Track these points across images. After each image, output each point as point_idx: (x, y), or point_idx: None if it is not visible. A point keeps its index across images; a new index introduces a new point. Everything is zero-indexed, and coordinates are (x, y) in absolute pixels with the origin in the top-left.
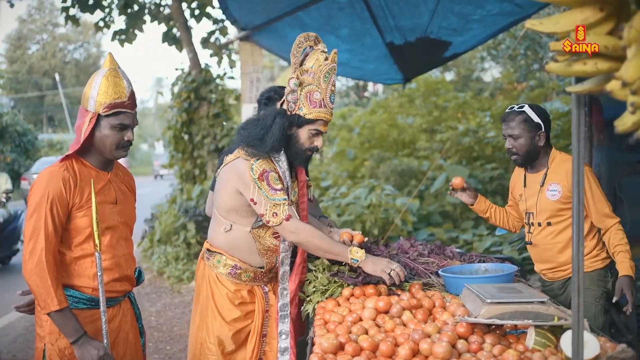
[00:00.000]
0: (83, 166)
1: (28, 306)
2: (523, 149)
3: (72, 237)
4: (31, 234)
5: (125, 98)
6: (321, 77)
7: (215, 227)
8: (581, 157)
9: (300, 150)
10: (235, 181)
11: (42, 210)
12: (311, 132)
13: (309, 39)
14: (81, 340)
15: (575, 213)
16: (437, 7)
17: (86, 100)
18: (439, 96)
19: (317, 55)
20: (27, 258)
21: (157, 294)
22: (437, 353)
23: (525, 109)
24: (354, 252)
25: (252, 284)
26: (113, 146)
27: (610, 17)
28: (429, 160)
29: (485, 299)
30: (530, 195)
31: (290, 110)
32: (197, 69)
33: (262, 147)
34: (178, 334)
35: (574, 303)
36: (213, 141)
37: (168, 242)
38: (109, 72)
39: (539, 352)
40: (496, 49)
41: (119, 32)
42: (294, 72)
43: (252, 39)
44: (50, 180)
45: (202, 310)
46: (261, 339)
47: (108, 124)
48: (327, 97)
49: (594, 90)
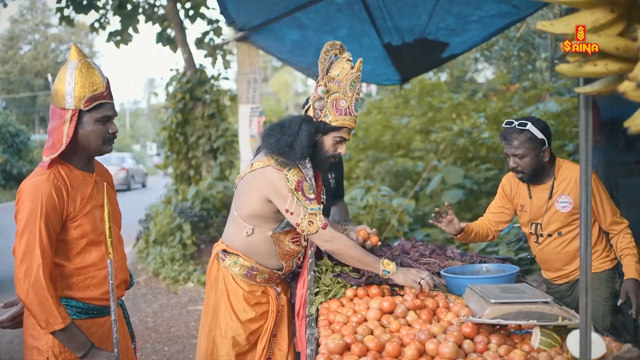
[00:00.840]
0: (69, 171)
1: (12, 321)
2: (529, 167)
3: (69, 248)
4: (24, 252)
5: (103, 88)
6: (347, 85)
7: (234, 230)
8: (589, 158)
9: (324, 157)
10: (266, 189)
11: (35, 225)
12: (336, 139)
13: (335, 47)
14: (90, 353)
15: (583, 213)
16: (435, 8)
17: (61, 98)
18: (433, 97)
19: (343, 63)
20: (22, 277)
21: (153, 295)
22: (443, 353)
23: (528, 127)
24: (385, 265)
25: (265, 285)
26: (99, 141)
27: (621, 18)
28: (423, 161)
29: (489, 299)
30: (536, 207)
31: (316, 117)
32: (192, 69)
33: (291, 155)
34: (175, 335)
35: (581, 303)
36: (208, 142)
37: (163, 243)
38: (79, 64)
39: (545, 352)
40: (489, 50)
41: (114, 33)
42: (322, 79)
43: (250, 39)
44: (40, 191)
45: (215, 310)
46: (271, 339)
47: (91, 118)
48: (352, 105)
49: (603, 91)
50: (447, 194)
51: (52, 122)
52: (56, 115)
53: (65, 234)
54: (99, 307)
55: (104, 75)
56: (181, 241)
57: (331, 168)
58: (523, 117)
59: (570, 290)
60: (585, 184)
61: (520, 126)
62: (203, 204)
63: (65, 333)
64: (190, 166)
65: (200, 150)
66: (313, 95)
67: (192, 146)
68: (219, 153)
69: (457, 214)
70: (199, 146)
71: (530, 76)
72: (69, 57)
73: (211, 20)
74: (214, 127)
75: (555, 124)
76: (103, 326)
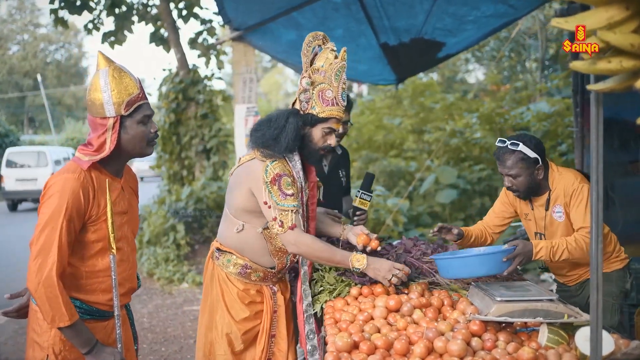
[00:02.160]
0: (100, 174)
1: (17, 311)
2: (524, 186)
3: (84, 250)
4: (42, 246)
5: (138, 90)
6: (332, 75)
7: (227, 227)
8: (600, 156)
9: (313, 150)
10: (250, 182)
11: (57, 222)
12: (324, 130)
13: (318, 38)
14: (95, 350)
15: (594, 211)
16: (432, 8)
17: (100, 107)
18: (426, 97)
19: (327, 54)
20: (35, 271)
21: (147, 296)
22: (452, 351)
23: (520, 148)
24: (354, 262)
25: (261, 283)
26: (144, 143)
27: (636, 15)
28: (416, 161)
29: (495, 297)
30: (537, 218)
31: (303, 109)
32: (185, 69)
33: (277, 148)
34: (172, 335)
35: (592, 301)
36: (201, 142)
37: (157, 243)
38: (111, 70)
39: (553, 349)
40: (480, 50)
41: (108, 33)
42: (305, 71)
43: (246, 39)
44: (68, 189)
45: (212, 309)
46: (270, 339)
47: (134, 122)
48: (339, 95)
49: (616, 88)
50: (440, 194)
51: (94, 133)
52: (97, 125)
53: (84, 235)
54: (102, 311)
55: (135, 76)
56: (175, 241)
57: (341, 165)
58: (515, 136)
59: (580, 289)
60: (596, 182)
61: (512, 146)
62: (197, 204)
63: (72, 329)
64: (183, 166)
65: (193, 151)
66: (298, 88)
67: (185, 146)
68: (212, 153)
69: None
70: (192, 146)
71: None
72: (98, 65)
73: (204, 20)
74: (207, 127)
75: (547, 124)
76: (105, 328)
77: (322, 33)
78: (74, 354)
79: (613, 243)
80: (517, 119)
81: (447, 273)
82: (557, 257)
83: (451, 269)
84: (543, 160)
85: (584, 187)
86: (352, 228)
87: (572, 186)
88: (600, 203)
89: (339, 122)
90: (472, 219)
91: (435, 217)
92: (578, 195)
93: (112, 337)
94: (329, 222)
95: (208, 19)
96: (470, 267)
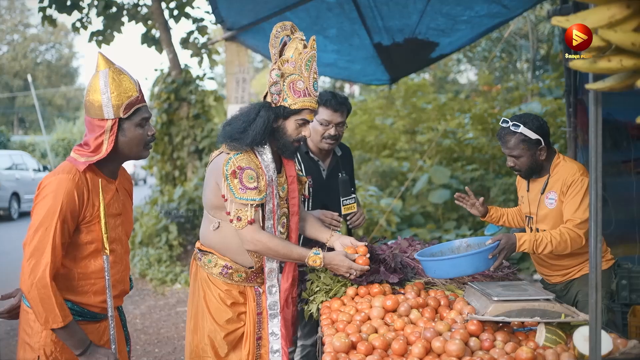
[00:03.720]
0: (94, 175)
1: (9, 312)
2: (525, 166)
3: (77, 251)
4: (35, 248)
5: (137, 93)
6: (302, 65)
7: (205, 226)
8: (599, 155)
9: (287, 142)
10: (216, 176)
11: (51, 223)
12: (298, 122)
13: (286, 28)
14: (89, 351)
15: (594, 210)
16: (426, 8)
17: (98, 109)
18: (418, 98)
19: (296, 44)
20: (28, 272)
21: (140, 297)
22: (450, 351)
23: (521, 129)
24: (310, 262)
25: (244, 284)
26: (141, 146)
27: (637, 14)
28: (409, 162)
29: (491, 296)
30: (531, 200)
31: (275, 102)
32: (177, 69)
33: (243, 140)
34: (165, 337)
35: (591, 300)
36: (193, 142)
37: (150, 244)
38: (110, 72)
39: (551, 349)
40: (472, 51)
41: (96, 33)
42: (274, 63)
43: (238, 39)
44: (63, 190)
45: (195, 312)
46: (255, 341)
47: (132, 124)
48: (310, 85)
49: (616, 87)
50: (433, 194)
51: (91, 134)
52: (94, 126)
53: (77, 236)
54: (94, 312)
55: (134, 78)
56: (167, 242)
57: (340, 167)
58: (518, 116)
59: (566, 289)
60: (595, 181)
61: (513, 127)
62: (189, 205)
63: (65, 330)
64: (175, 167)
65: (185, 151)
66: (268, 81)
67: (177, 147)
68: (204, 154)
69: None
70: (184, 147)
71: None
72: (98, 66)
73: (196, 19)
74: (199, 127)
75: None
76: (97, 330)
77: (290, 22)
78: (65, 355)
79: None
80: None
81: (434, 273)
82: (541, 249)
83: (439, 270)
84: (546, 142)
85: (585, 180)
86: (340, 237)
87: (572, 176)
88: (600, 202)
89: (313, 113)
90: (465, 219)
91: (428, 217)
92: (576, 186)
93: (104, 339)
94: (317, 225)
95: (199, 18)
96: (458, 267)
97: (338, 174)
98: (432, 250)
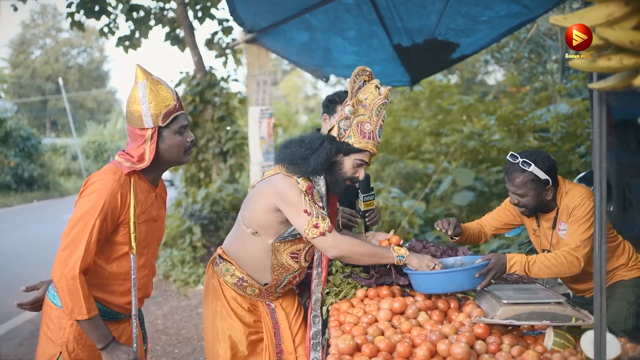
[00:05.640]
0: (138, 179)
1: (32, 304)
2: (530, 205)
3: (111, 250)
4: (71, 240)
5: (175, 101)
6: (374, 110)
7: (235, 236)
8: (603, 155)
9: (341, 179)
10: (273, 197)
11: (91, 219)
12: (356, 161)
13: (365, 73)
14: (110, 346)
15: (598, 213)
16: (445, 9)
17: (139, 119)
18: (443, 99)
19: (372, 89)
20: (60, 263)
21: (163, 298)
22: (455, 354)
23: (531, 169)
24: (397, 250)
25: (256, 299)
26: (181, 151)
27: (636, 12)
28: (434, 163)
29: (501, 299)
30: (543, 235)
31: (340, 137)
32: (202, 72)
33: (304, 167)
34: (185, 337)
35: (596, 303)
36: (218, 144)
37: (174, 245)
38: (148, 83)
39: (558, 353)
40: (500, 52)
41: (123, 38)
42: (350, 99)
43: (259, 41)
44: (107, 189)
45: (212, 313)
46: (276, 355)
47: (171, 132)
48: (376, 130)
49: (617, 86)
50: (457, 196)
51: (133, 143)
52: (136, 135)
53: (114, 236)
54: (116, 312)
55: (172, 88)
56: (191, 244)
57: None
58: (528, 154)
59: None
60: (599, 182)
61: (523, 165)
62: (213, 207)
63: (89, 323)
64: (200, 169)
65: (210, 153)
66: (340, 115)
67: (202, 149)
68: (228, 156)
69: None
70: (209, 149)
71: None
72: (136, 78)
73: (220, 20)
74: (224, 129)
75: (566, 125)
76: (116, 330)
77: (369, 69)
78: (87, 353)
79: (627, 252)
80: (536, 120)
81: (420, 288)
82: (534, 272)
83: (424, 284)
84: (554, 182)
85: (587, 204)
86: (374, 234)
87: (573, 202)
88: (604, 204)
89: (371, 157)
90: None
91: None
92: (578, 210)
93: (123, 339)
94: (348, 232)
95: (224, 19)
96: (442, 283)
97: None
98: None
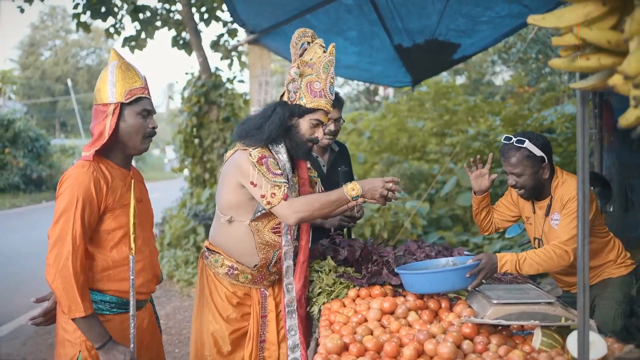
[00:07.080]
0: (110, 166)
1: (44, 316)
2: (528, 184)
3: (106, 239)
4: (57, 238)
5: (142, 84)
6: (320, 68)
7: (217, 225)
8: (586, 154)
9: (300, 141)
10: (234, 173)
11: (70, 214)
12: (312, 122)
13: (307, 35)
14: (107, 346)
15: (580, 210)
16: (445, 9)
17: (104, 94)
18: (449, 100)
19: (316, 48)
20: (51, 262)
21: (166, 297)
22: (442, 353)
23: (526, 145)
24: (350, 191)
25: (250, 285)
26: (140, 135)
27: (614, 12)
28: (439, 164)
29: (491, 299)
30: (537, 223)
31: (291, 100)
32: (207, 73)
33: (259, 136)
34: (187, 337)
35: (579, 302)
36: (223, 145)
37: (178, 245)
38: (119, 63)
39: (545, 353)
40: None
41: (129, 38)
42: (294, 61)
43: (261, 42)
44: (79, 182)
45: (202, 309)
46: (259, 344)
47: (133, 112)
48: (327, 88)
49: (598, 86)
50: (462, 197)
51: (95, 120)
52: (99, 112)
53: (103, 224)
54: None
55: (142, 74)
56: (195, 244)
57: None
58: (522, 133)
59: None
60: (582, 181)
61: (517, 143)
62: None
63: (85, 322)
64: (205, 169)
65: (215, 154)
66: (287, 78)
67: (207, 149)
68: None
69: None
70: (214, 149)
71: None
72: (109, 60)
73: (226, 22)
74: (229, 130)
75: (571, 126)
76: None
77: (311, 31)
78: None
79: (617, 250)
80: (541, 121)
81: (411, 287)
82: (525, 269)
83: (415, 284)
84: (549, 160)
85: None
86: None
87: (568, 194)
88: (587, 203)
89: (327, 115)
90: None
91: (456, 220)
92: (571, 204)
93: (140, 331)
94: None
95: (229, 20)
96: (434, 282)
97: (337, 169)
98: (417, 265)
